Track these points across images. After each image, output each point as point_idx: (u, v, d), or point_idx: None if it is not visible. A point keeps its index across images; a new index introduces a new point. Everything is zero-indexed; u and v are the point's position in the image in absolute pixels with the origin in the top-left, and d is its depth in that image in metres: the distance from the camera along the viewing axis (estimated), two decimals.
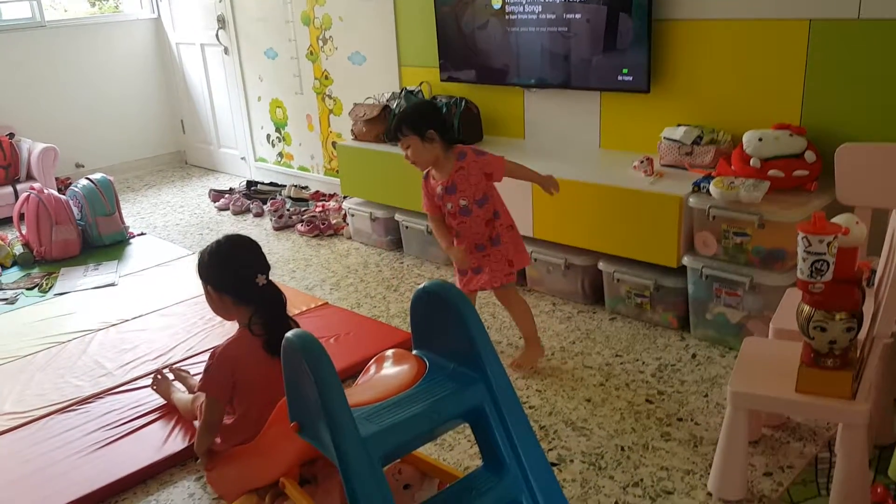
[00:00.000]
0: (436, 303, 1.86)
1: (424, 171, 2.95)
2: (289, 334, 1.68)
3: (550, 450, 2.46)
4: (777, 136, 2.95)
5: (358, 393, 1.81)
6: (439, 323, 1.87)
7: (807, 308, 1.95)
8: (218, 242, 2.32)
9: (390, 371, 1.93)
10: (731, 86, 3.26)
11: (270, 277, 2.32)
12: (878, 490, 2.12)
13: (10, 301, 3.91)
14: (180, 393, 2.79)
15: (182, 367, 3.00)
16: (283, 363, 1.75)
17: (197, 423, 2.47)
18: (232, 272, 2.28)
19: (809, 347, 2.00)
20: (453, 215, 2.91)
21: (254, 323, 2.27)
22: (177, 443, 2.58)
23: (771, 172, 2.90)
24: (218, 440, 2.34)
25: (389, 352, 2.03)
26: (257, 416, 2.24)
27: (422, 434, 1.77)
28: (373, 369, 2.01)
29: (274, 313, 2.29)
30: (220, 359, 2.25)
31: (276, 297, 2.32)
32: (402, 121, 2.85)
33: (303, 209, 5.06)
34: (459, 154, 2.86)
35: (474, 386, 1.79)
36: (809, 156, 2.91)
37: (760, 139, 2.95)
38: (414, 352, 1.96)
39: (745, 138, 3.00)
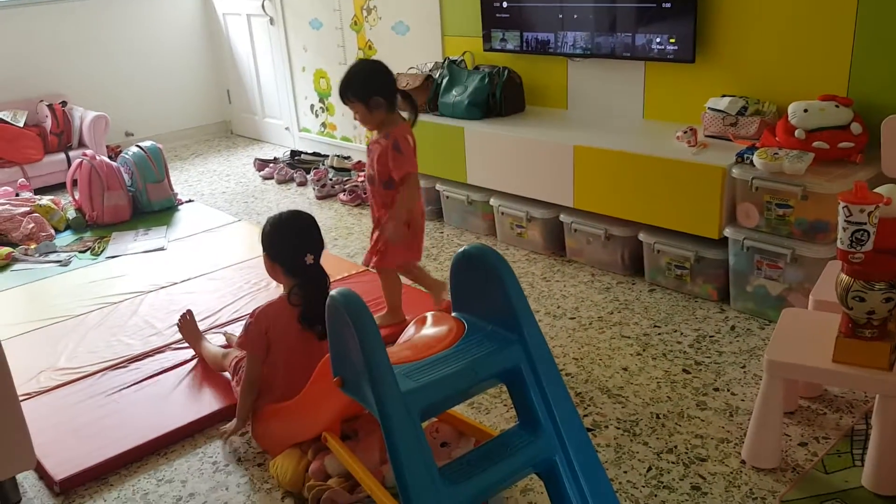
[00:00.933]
0: (475, 265, 1.89)
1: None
2: (333, 292, 1.75)
3: (586, 416, 2.50)
4: (823, 107, 2.91)
5: (398, 351, 1.87)
6: (478, 285, 1.91)
7: (846, 278, 1.95)
8: (280, 215, 2.45)
9: (430, 331, 1.98)
10: (777, 56, 3.22)
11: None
12: None
13: (64, 263, 4.05)
14: (209, 344, 2.91)
15: (230, 332, 3.09)
16: (327, 320, 1.81)
17: (227, 375, 2.64)
18: (285, 245, 2.40)
19: (847, 318, 2.01)
20: (368, 179, 2.97)
21: (293, 294, 2.37)
22: (222, 399, 2.66)
23: (816, 144, 2.87)
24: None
25: (429, 313, 2.08)
26: (283, 380, 2.36)
27: (459, 392, 1.82)
28: (412, 330, 2.07)
29: (314, 290, 2.38)
30: (258, 317, 2.38)
31: (319, 277, 2.42)
32: (347, 86, 2.81)
33: (345, 179, 5.12)
34: (386, 133, 2.83)
35: (511, 347, 1.82)
36: (855, 127, 2.87)
37: (806, 110, 2.92)
38: (453, 313, 2.00)
39: (790, 109, 2.97)
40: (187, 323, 2.99)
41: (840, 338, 2.02)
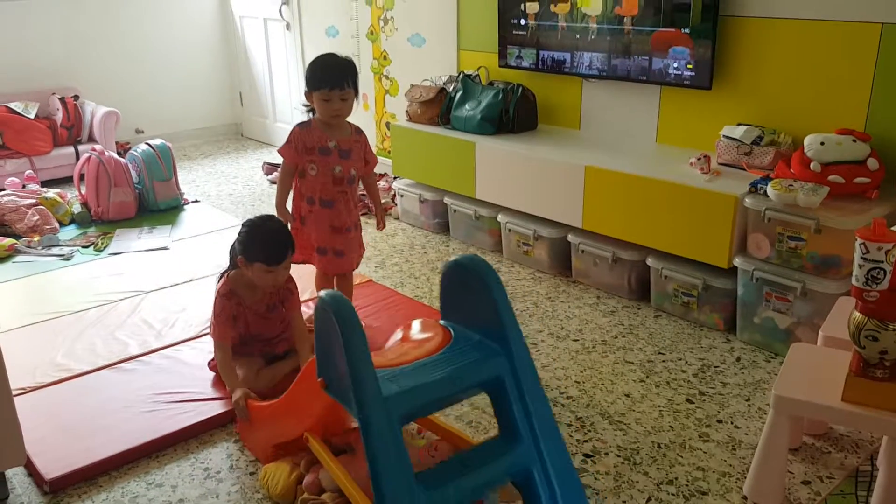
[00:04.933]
0: (465, 275, 1.92)
1: (308, 121, 2.92)
2: (322, 293, 1.76)
3: (586, 441, 2.46)
4: (840, 140, 2.88)
5: (383, 356, 1.89)
6: (467, 295, 1.93)
7: (859, 316, 1.91)
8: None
9: (417, 337, 2.00)
10: (796, 87, 3.20)
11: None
12: None
13: (67, 257, 4.02)
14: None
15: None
16: (315, 322, 1.84)
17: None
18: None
19: (859, 356, 1.97)
20: (337, 181, 2.88)
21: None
22: (219, 405, 2.63)
23: (831, 178, 2.84)
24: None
25: (417, 320, 2.10)
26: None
27: (441, 398, 1.84)
28: (400, 335, 2.08)
29: None
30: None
31: None
32: (349, 73, 2.81)
33: None
34: (357, 129, 2.96)
35: (496, 358, 1.85)
36: (872, 163, 2.84)
37: (822, 143, 2.89)
38: (441, 321, 2.02)
39: (806, 141, 2.94)
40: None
41: (850, 376, 1.99)
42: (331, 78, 2.77)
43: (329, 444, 2.16)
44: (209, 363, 2.84)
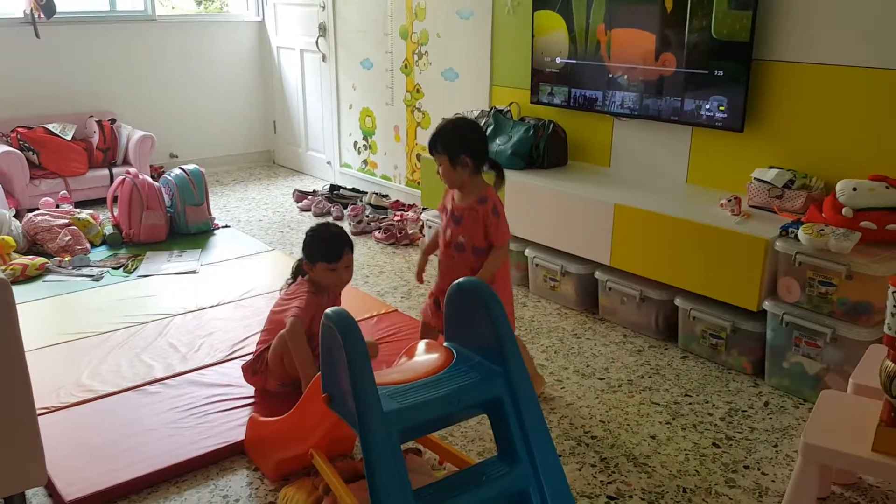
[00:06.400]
0: (468, 299, 1.98)
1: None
2: (328, 311, 1.82)
3: (610, 483, 2.42)
4: (872, 187, 2.85)
5: (386, 374, 1.95)
6: (469, 318, 1.99)
7: (892, 365, 1.88)
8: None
9: (420, 358, 2.05)
10: (828, 132, 3.17)
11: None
12: None
13: (96, 278, 4.07)
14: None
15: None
16: (320, 337, 1.89)
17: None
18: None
19: (890, 406, 1.93)
20: (447, 244, 2.80)
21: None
22: (240, 431, 2.62)
23: (863, 224, 2.80)
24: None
25: (422, 342, 2.16)
26: None
27: (441, 417, 1.89)
28: (404, 357, 2.13)
29: None
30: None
31: None
32: (438, 138, 2.73)
33: (381, 217, 5.12)
34: (481, 198, 2.71)
35: (495, 379, 1.90)
36: None
37: (855, 189, 2.86)
38: (444, 343, 2.07)
39: (838, 186, 2.92)
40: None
41: (881, 426, 1.94)
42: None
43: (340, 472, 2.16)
44: (248, 371, 2.92)
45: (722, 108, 3.40)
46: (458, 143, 2.69)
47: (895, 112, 2.95)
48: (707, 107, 3.46)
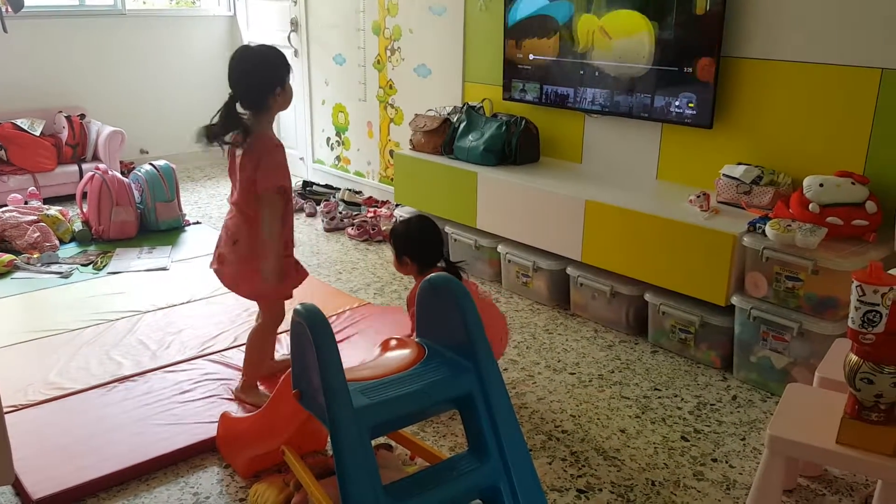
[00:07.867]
0: (439, 294, 1.99)
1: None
2: (297, 306, 1.81)
3: (580, 476, 2.44)
4: (839, 183, 2.90)
5: (358, 370, 1.94)
6: (441, 313, 2.00)
7: (855, 358, 1.91)
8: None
9: (391, 354, 2.05)
10: (796, 129, 3.22)
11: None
12: None
13: (65, 275, 4.02)
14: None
15: None
16: (290, 334, 1.90)
17: None
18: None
19: (854, 399, 1.96)
20: None
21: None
22: (211, 428, 2.61)
23: (829, 219, 2.85)
24: None
25: (394, 338, 2.16)
26: None
27: (411, 413, 1.90)
28: (377, 352, 2.13)
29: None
30: None
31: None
32: (390, 235, 2.99)
33: (354, 213, 5.11)
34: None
35: (466, 374, 1.90)
36: (870, 206, 2.86)
37: (821, 185, 2.90)
38: (416, 339, 2.08)
39: (805, 182, 2.96)
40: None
41: (845, 419, 1.98)
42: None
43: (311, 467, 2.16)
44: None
45: (691, 104, 3.44)
46: (402, 245, 2.91)
47: (861, 109, 3.00)
48: (676, 103, 3.49)
